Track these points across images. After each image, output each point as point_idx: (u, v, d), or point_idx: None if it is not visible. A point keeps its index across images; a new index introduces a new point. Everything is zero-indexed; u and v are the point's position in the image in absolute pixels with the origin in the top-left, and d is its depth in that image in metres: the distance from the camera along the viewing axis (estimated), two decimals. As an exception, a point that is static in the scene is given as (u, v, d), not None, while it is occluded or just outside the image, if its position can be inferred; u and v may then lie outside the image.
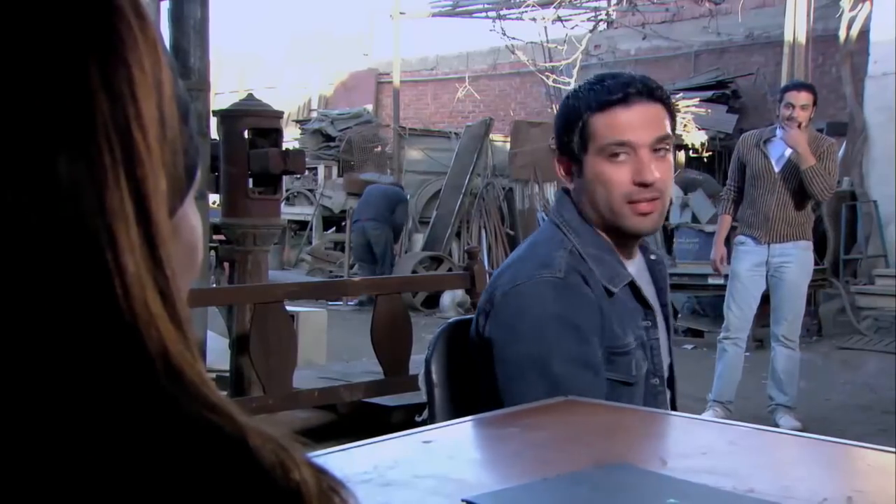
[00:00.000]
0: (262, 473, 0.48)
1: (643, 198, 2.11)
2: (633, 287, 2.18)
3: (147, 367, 0.48)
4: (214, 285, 6.92)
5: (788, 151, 6.07)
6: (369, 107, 20.32)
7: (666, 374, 2.28)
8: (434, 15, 17.38)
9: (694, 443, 1.95)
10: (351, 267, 13.98)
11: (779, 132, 6.13)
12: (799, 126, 6.00)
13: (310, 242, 16.35)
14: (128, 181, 0.49)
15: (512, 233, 14.11)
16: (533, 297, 2.09)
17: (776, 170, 6.15)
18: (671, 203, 12.93)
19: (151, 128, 0.50)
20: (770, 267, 6.21)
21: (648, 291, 2.24)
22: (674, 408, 2.31)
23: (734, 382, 6.33)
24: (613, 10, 15.85)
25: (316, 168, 16.93)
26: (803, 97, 6.04)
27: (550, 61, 15.51)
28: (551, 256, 2.13)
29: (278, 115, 6.16)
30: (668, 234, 12.07)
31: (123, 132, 0.49)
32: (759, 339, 8.87)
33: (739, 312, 6.30)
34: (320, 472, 0.51)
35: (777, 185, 6.14)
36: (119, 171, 0.48)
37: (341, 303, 12.60)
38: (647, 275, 2.29)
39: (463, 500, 1.48)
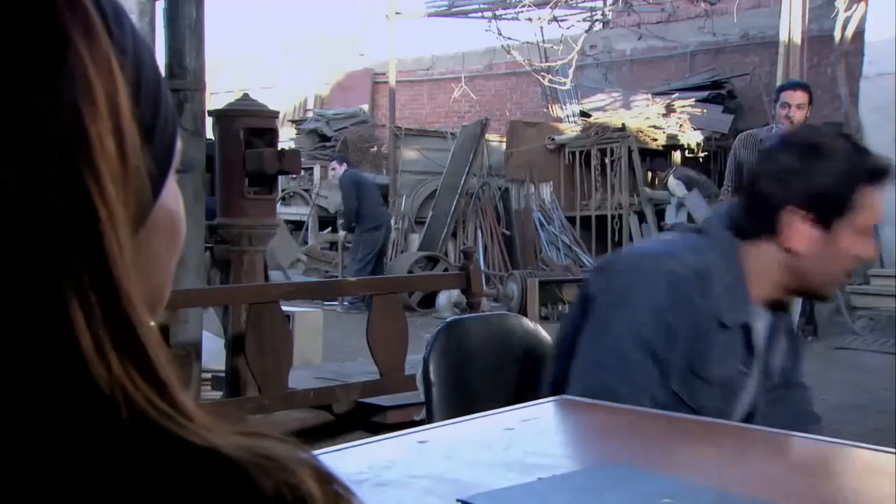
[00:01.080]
0: (267, 501, 0.47)
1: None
2: (746, 330, 2.14)
3: (119, 433, 0.45)
4: (210, 285, 6.91)
5: None
6: (365, 107, 20.31)
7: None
8: (430, 15, 17.39)
9: (690, 443, 1.95)
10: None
11: (775, 131, 6.14)
12: (793, 124, 6.00)
13: (305, 242, 16.35)
14: (82, 244, 0.45)
15: (508, 232, 14.11)
16: (647, 277, 2.08)
17: None
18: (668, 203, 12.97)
19: (108, 170, 0.46)
20: None
21: (759, 342, 2.19)
22: None
23: None
24: (609, 11, 15.87)
25: (312, 168, 16.93)
26: (798, 96, 6.06)
27: (546, 61, 15.52)
28: (687, 256, 2.10)
29: (274, 115, 6.16)
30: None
31: (77, 186, 0.45)
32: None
33: None
34: (326, 480, 0.50)
35: None
36: (71, 234, 0.45)
37: (337, 303, 12.57)
38: (768, 332, 2.24)
39: (458, 501, 1.48)
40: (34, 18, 0.45)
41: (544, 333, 2.91)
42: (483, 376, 2.61)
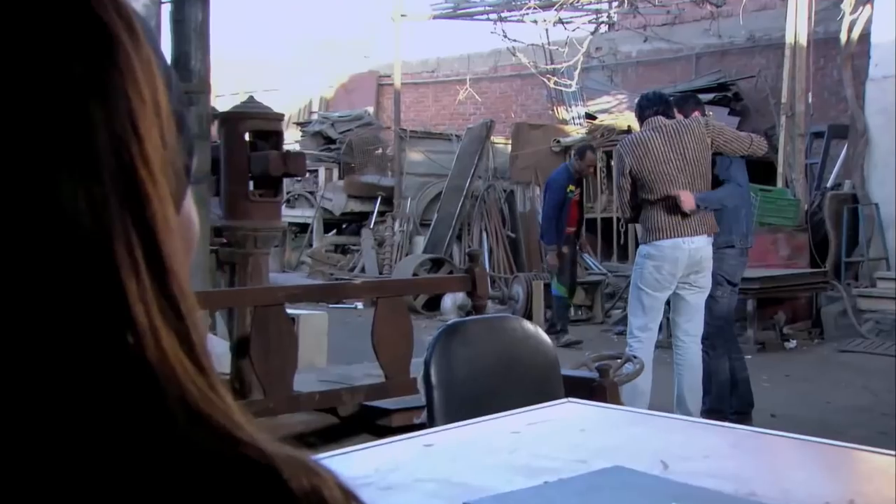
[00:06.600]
0: (296, 501, 0.48)
1: None
2: None
3: (166, 414, 0.47)
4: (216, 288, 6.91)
5: None
6: (370, 109, 20.31)
7: None
8: (435, 17, 17.34)
9: (695, 445, 1.95)
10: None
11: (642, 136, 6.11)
12: None
13: (310, 245, 16.35)
14: (136, 225, 0.47)
15: (513, 235, 14.10)
16: None
17: None
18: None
19: (156, 158, 0.49)
20: None
21: None
22: None
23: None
24: (614, 13, 15.82)
25: (316, 170, 16.93)
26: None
27: (551, 63, 15.50)
28: None
29: (279, 117, 6.16)
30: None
31: (131, 173, 0.48)
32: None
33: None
34: (349, 494, 0.51)
35: None
36: (126, 215, 0.47)
37: (352, 305, 12.43)
38: None
39: (464, 504, 1.48)
40: (86, 21, 0.48)
41: (544, 335, 2.91)
42: (484, 378, 2.61)
